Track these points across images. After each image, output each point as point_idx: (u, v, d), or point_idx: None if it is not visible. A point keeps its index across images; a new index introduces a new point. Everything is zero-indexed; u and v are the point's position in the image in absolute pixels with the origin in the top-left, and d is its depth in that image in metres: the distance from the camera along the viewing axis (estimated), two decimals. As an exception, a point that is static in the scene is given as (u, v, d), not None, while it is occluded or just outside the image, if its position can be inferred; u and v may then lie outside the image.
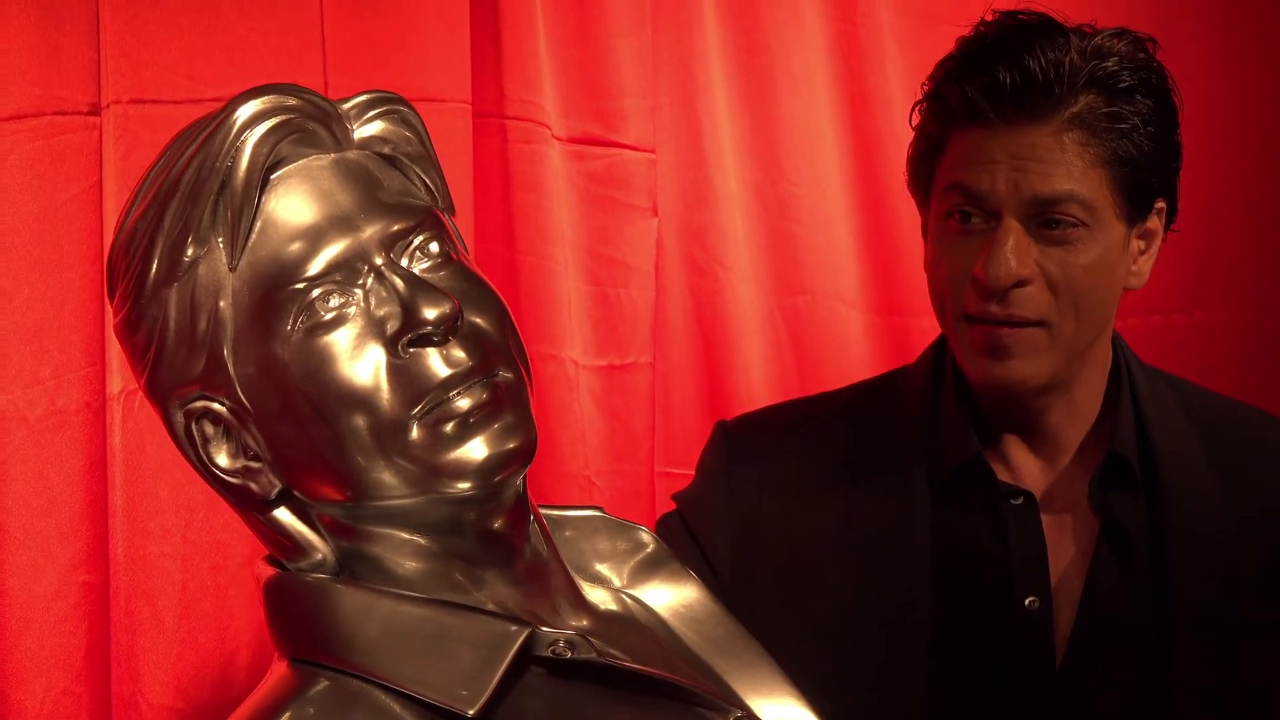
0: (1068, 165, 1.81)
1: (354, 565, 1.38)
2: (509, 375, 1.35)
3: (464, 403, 1.31)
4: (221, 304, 1.33)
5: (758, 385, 2.56)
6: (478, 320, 1.34)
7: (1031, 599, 1.90)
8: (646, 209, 2.45)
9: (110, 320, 1.43)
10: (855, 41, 2.62)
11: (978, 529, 1.93)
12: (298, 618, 1.36)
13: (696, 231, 2.56)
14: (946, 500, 1.93)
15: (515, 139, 2.32)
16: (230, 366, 1.33)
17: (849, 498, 1.96)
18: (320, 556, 1.38)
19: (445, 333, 1.31)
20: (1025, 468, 1.95)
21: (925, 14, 2.64)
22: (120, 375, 1.93)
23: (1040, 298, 1.83)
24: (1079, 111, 1.81)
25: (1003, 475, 1.93)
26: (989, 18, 1.89)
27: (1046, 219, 1.82)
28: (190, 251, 1.32)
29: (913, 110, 1.94)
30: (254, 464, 1.36)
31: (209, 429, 1.36)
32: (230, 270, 1.33)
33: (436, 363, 1.31)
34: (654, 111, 2.46)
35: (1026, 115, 1.81)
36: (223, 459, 1.37)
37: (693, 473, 2.12)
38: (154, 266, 1.33)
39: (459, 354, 1.31)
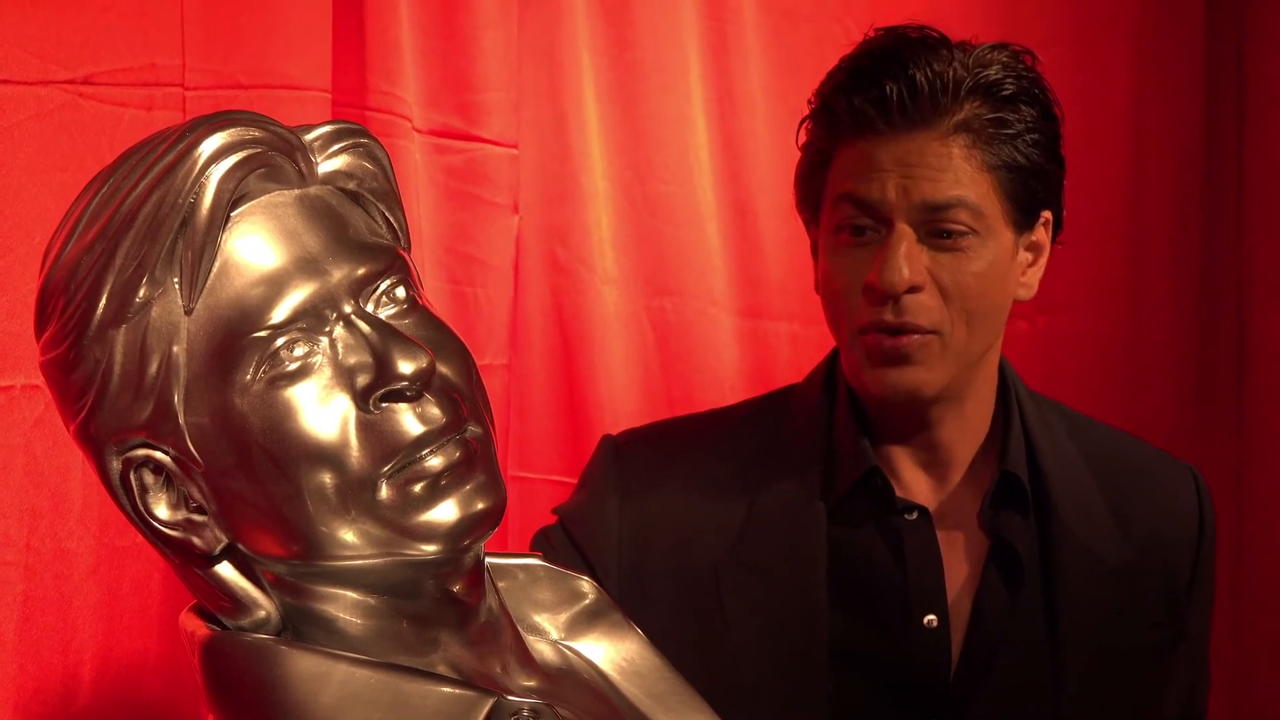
0: (955, 171, 1.84)
1: (299, 624, 1.30)
2: (478, 430, 1.28)
3: (436, 462, 1.24)
4: (175, 349, 1.23)
5: (620, 389, 2.51)
6: (447, 372, 1.27)
7: (930, 617, 1.92)
8: (507, 206, 2.38)
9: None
10: (723, 39, 2.59)
11: (873, 544, 1.94)
12: (242, 682, 1.28)
13: (559, 229, 2.49)
14: (842, 515, 1.94)
15: (374, 132, 2.23)
16: (180, 415, 1.24)
17: (744, 515, 1.95)
18: (264, 614, 1.30)
19: (420, 388, 1.24)
20: (916, 484, 1.97)
21: (790, 13, 2.63)
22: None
23: (932, 305, 1.85)
24: (964, 118, 1.85)
25: (896, 490, 1.94)
26: (872, 34, 1.93)
27: (937, 228, 1.85)
28: (143, 292, 1.22)
29: (799, 128, 1.96)
30: (197, 517, 1.27)
31: (148, 478, 1.27)
32: (186, 313, 1.23)
33: (410, 420, 1.24)
34: (518, 106, 2.39)
35: (913, 123, 1.84)
36: (162, 511, 1.27)
37: (545, 477, 2.08)
38: (101, 306, 1.22)
39: (434, 411, 1.25)
